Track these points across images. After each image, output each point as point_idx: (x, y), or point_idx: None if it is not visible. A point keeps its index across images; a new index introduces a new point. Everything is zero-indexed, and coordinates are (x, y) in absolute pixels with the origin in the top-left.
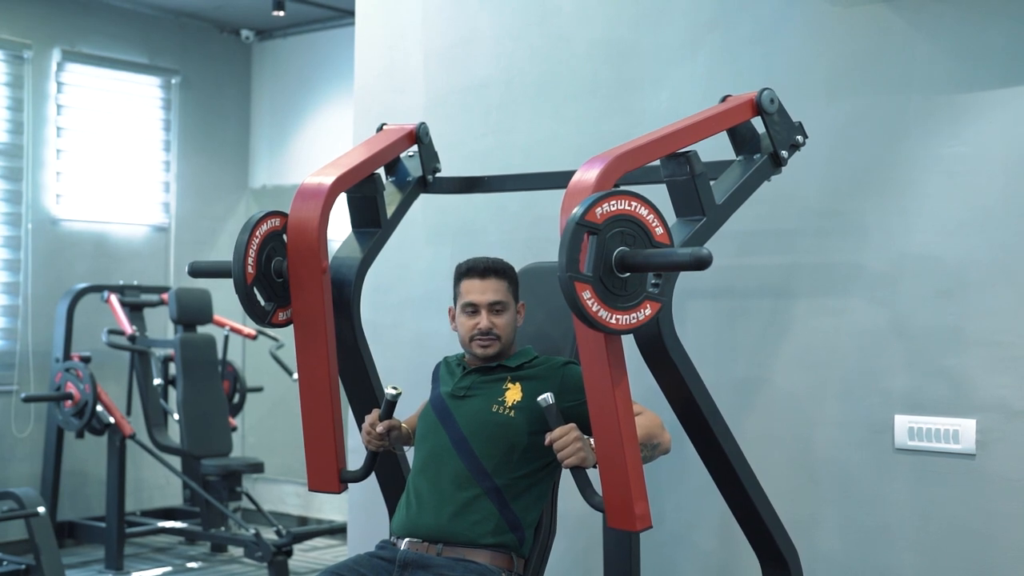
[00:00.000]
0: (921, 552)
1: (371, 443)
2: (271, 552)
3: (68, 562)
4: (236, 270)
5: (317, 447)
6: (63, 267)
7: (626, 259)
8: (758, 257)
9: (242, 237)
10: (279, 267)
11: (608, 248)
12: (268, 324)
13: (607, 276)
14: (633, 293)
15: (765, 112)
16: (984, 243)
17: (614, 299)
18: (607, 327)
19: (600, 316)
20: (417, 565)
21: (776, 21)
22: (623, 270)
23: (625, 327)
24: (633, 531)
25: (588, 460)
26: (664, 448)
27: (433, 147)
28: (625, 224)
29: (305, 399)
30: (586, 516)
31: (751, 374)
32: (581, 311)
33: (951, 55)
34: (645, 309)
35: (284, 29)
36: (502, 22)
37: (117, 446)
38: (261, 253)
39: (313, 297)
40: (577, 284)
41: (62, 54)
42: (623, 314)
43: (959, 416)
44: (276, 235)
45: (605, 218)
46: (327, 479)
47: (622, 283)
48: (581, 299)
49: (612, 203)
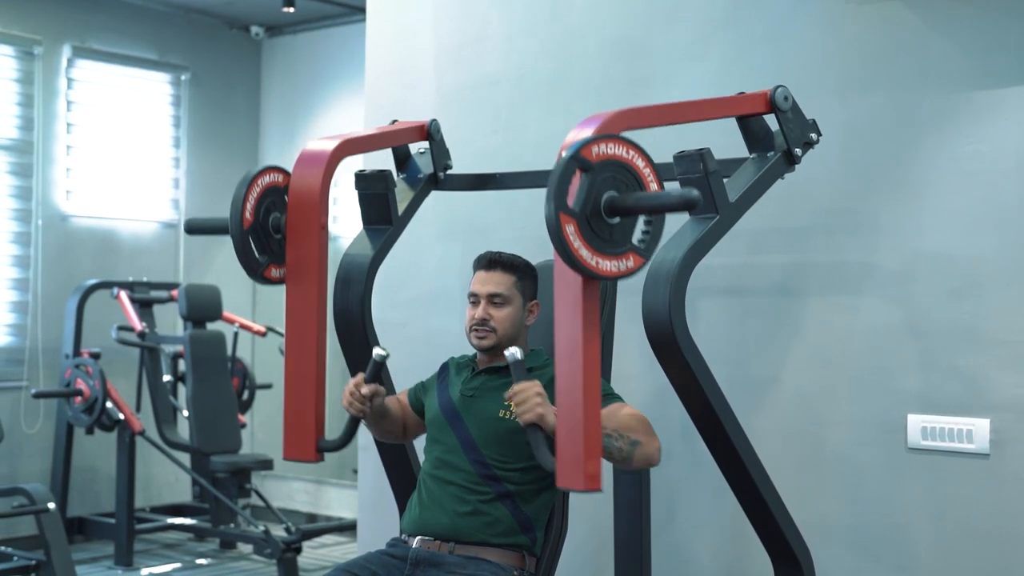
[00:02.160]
0: (935, 552)
1: (352, 405)
2: (280, 549)
3: (78, 558)
4: (233, 218)
5: (296, 413)
6: (73, 263)
7: (615, 202)
8: (771, 255)
9: (241, 187)
10: (277, 223)
11: (598, 188)
12: (260, 278)
13: (594, 218)
14: (618, 241)
15: (779, 109)
16: (999, 242)
17: (599, 243)
18: (586, 268)
19: (581, 255)
20: (429, 563)
21: (789, 18)
22: (611, 214)
23: (605, 273)
24: (580, 491)
25: (547, 419)
26: (646, 452)
27: (444, 144)
28: (618, 170)
29: (290, 361)
30: (598, 515)
31: (763, 373)
32: (563, 246)
33: (966, 52)
34: (628, 260)
35: (294, 26)
36: (513, 19)
37: (127, 442)
38: (260, 206)
39: (309, 251)
40: (562, 216)
41: (72, 50)
42: (605, 259)
43: (973, 416)
44: (276, 190)
45: (600, 159)
46: (303, 447)
47: (608, 228)
48: (564, 233)
49: (609, 146)
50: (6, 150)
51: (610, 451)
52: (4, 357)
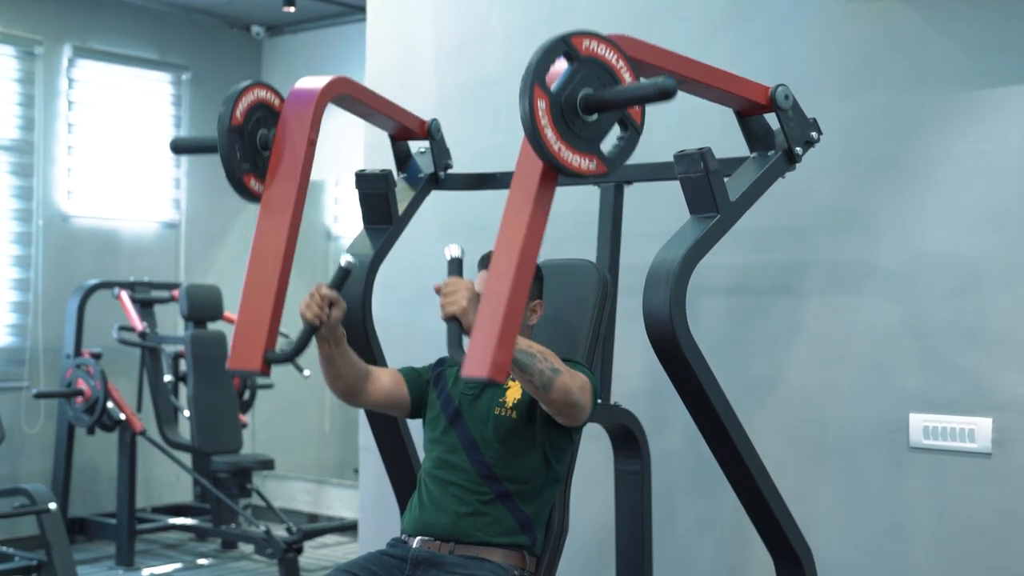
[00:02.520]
0: (936, 552)
1: (309, 308)
2: (281, 549)
3: (79, 558)
4: (222, 115)
5: (249, 323)
6: (74, 263)
7: (590, 98)
8: (772, 255)
9: (233, 92)
10: (265, 139)
11: (579, 83)
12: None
13: (568, 109)
14: (588, 140)
15: (779, 108)
16: (1000, 241)
17: (568, 134)
18: (549, 151)
19: (546, 135)
20: (429, 563)
21: (789, 17)
22: (588, 111)
23: (565, 163)
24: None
25: (468, 315)
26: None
27: (445, 143)
28: (602, 72)
29: (252, 269)
30: (599, 514)
31: (765, 372)
32: (530, 120)
33: (967, 51)
34: (592, 162)
35: (295, 25)
36: (513, 18)
37: (128, 442)
38: (250, 115)
39: (294, 159)
40: (537, 89)
41: (73, 50)
42: (569, 150)
43: (975, 415)
44: (267, 107)
45: (588, 54)
46: (250, 357)
47: (582, 125)
48: (535, 108)
49: (602, 47)
50: (7, 150)
51: (529, 369)
52: (5, 357)
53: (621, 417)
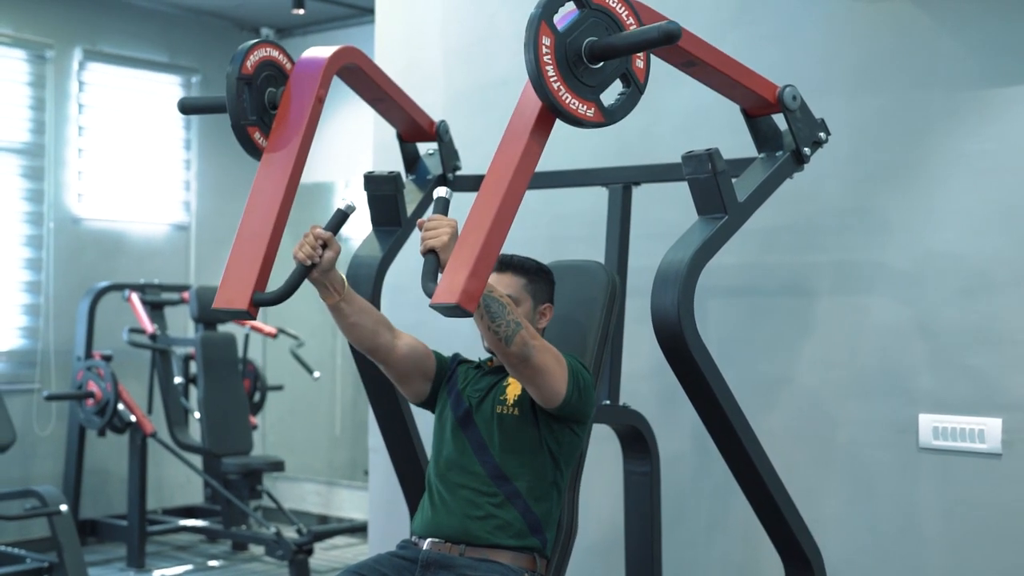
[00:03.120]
0: (946, 552)
1: (302, 248)
2: (291, 551)
3: (90, 560)
4: (233, 64)
5: (239, 264)
6: (84, 266)
7: (595, 45)
8: (780, 255)
9: (246, 45)
10: (273, 98)
11: (586, 30)
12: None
13: (572, 55)
14: (589, 88)
15: (787, 109)
16: (1010, 241)
17: (570, 78)
18: (549, 90)
19: (547, 73)
20: (439, 565)
21: (798, 17)
22: (593, 59)
23: (564, 106)
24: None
25: (447, 249)
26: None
27: (453, 145)
28: (611, 24)
29: (248, 214)
30: (608, 516)
31: (773, 373)
32: (534, 58)
33: (975, 51)
34: (589, 109)
35: (304, 27)
36: (521, 20)
37: (138, 444)
38: (259, 71)
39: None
40: (544, 26)
41: (83, 53)
42: (569, 94)
43: (985, 415)
44: (277, 66)
45: (598, 3)
46: (237, 297)
47: (585, 71)
48: (539, 43)
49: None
50: (18, 153)
51: (498, 318)
52: (16, 360)
53: (630, 418)
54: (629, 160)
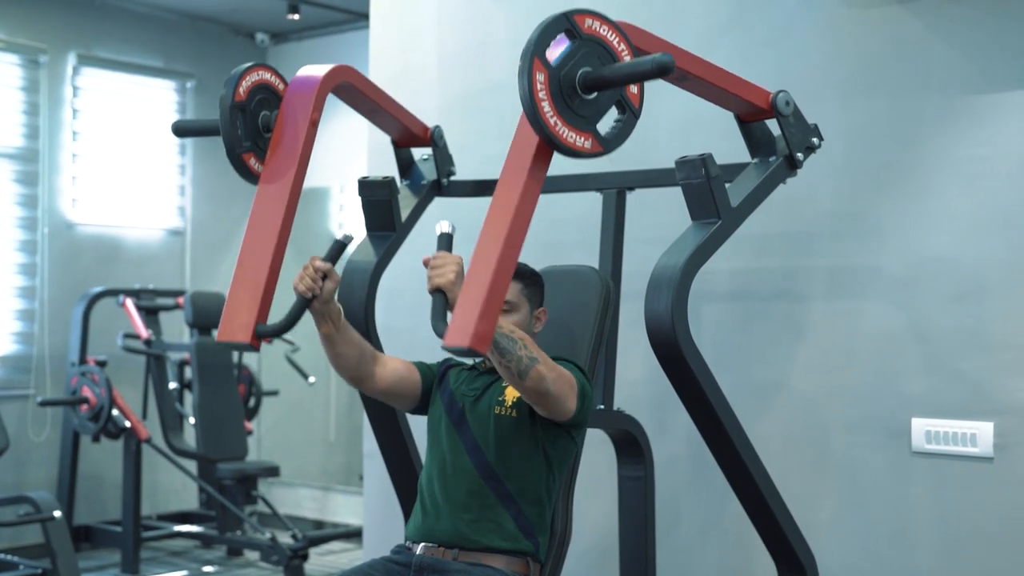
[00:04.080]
0: (939, 556)
1: (303, 281)
2: (287, 556)
3: (84, 566)
4: (226, 91)
5: (240, 296)
6: (79, 271)
7: (589, 76)
8: (774, 260)
9: (237, 70)
10: (267, 121)
11: (578, 61)
12: (238, 161)
13: (567, 86)
14: (585, 118)
15: (780, 114)
16: (1002, 245)
17: (566, 111)
18: (545, 125)
19: (543, 108)
20: (433, 570)
21: (791, 23)
22: (586, 89)
23: (561, 139)
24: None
25: (454, 290)
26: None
27: (448, 150)
28: (603, 52)
29: (248, 241)
30: (603, 520)
31: (767, 377)
32: (528, 93)
33: (968, 57)
34: (587, 141)
35: (299, 32)
36: (516, 25)
37: (133, 450)
38: (252, 95)
39: (295, 136)
40: (536, 62)
41: (77, 58)
42: (566, 127)
43: (977, 419)
44: (270, 88)
45: (589, 32)
46: (240, 330)
47: (580, 103)
48: (534, 80)
49: (604, 27)
50: (12, 158)
51: (508, 354)
52: (11, 365)
53: (624, 423)
54: (623, 165)
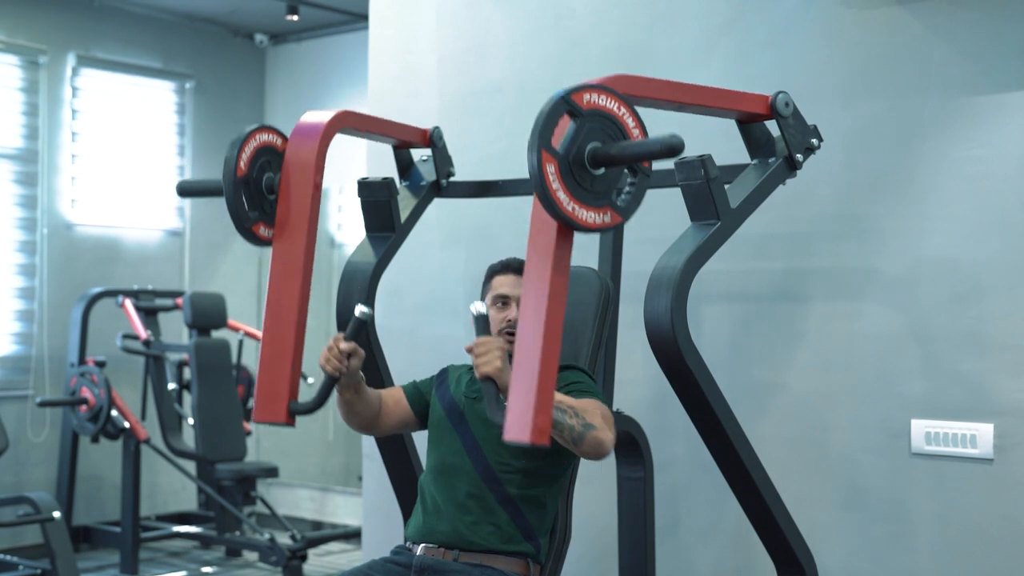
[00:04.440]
0: (938, 558)
1: (329, 363)
2: (285, 556)
3: (83, 567)
4: (227, 166)
5: (271, 375)
6: (78, 272)
7: (598, 153)
8: (773, 261)
9: (237, 140)
10: (271, 183)
11: (584, 138)
12: (248, 233)
13: (577, 165)
14: (599, 193)
15: (780, 115)
16: (1002, 246)
17: (578, 191)
18: (563, 212)
19: (559, 197)
20: (433, 571)
21: (790, 24)
22: (595, 165)
23: (580, 221)
24: (527, 443)
25: (503, 374)
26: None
27: (447, 151)
28: (607, 123)
29: (269, 319)
30: (602, 522)
31: (766, 378)
32: (542, 186)
33: (968, 58)
34: (605, 215)
35: (298, 33)
36: (515, 26)
37: (132, 451)
38: (254, 162)
39: (300, 207)
40: (544, 154)
41: (77, 59)
42: (582, 208)
43: (977, 420)
44: (272, 150)
45: (590, 107)
46: (275, 409)
47: (591, 179)
48: (544, 172)
49: (601, 97)
50: (11, 159)
51: (562, 427)
52: (10, 366)
53: (623, 424)
54: None
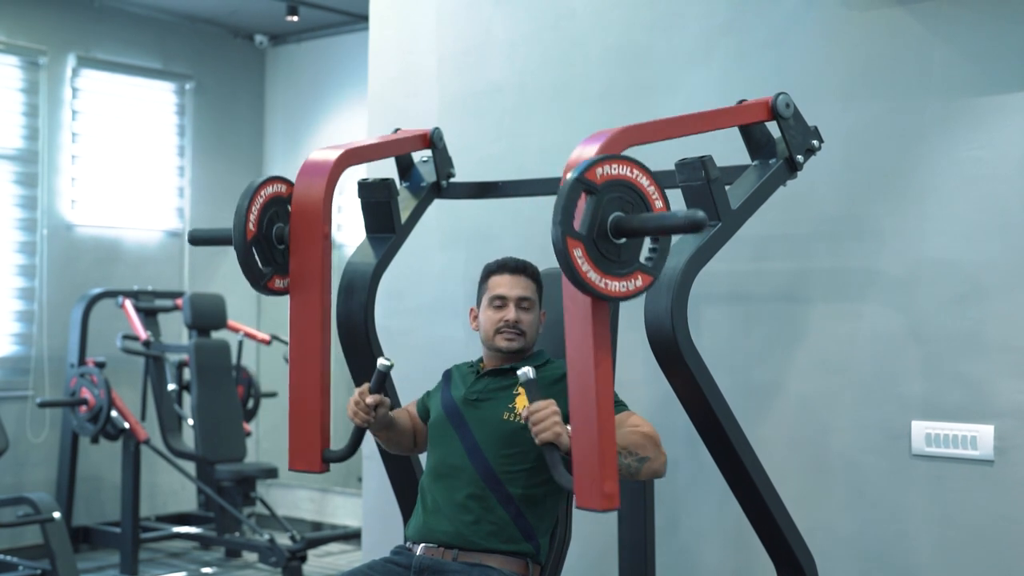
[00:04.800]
0: (939, 560)
1: (357, 415)
2: (285, 557)
3: (83, 567)
4: (237, 227)
5: (301, 424)
6: (78, 272)
7: (621, 224)
8: (774, 262)
9: (244, 198)
10: (280, 233)
11: (604, 210)
12: (264, 289)
13: (601, 239)
14: (626, 261)
15: (780, 116)
16: (1002, 247)
17: (606, 264)
18: (596, 290)
19: (589, 277)
20: (432, 571)
21: (791, 25)
22: (618, 235)
23: (614, 293)
24: (599, 511)
25: (563, 439)
26: (653, 467)
27: (447, 152)
28: (624, 190)
29: (294, 371)
30: (601, 523)
31: (766, 380)
32: (571, 269)
33: (968, 58)
34: (636, 280)
35: (298, 34)
36: (516, 26)
37: (132, 451)
38: (263, 216)
39: (312, 261)
40: (569, 240)
41: (77, 60)
42: (613, 280)
43: (977, 422)
44: (279, 200)
45: (604, 180)
46: (309, 458)
47: (616, 249)
48: (572, 256)
49: (613, 166)
50: (11, 160)
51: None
52: (10, 366)
53: None
54: None
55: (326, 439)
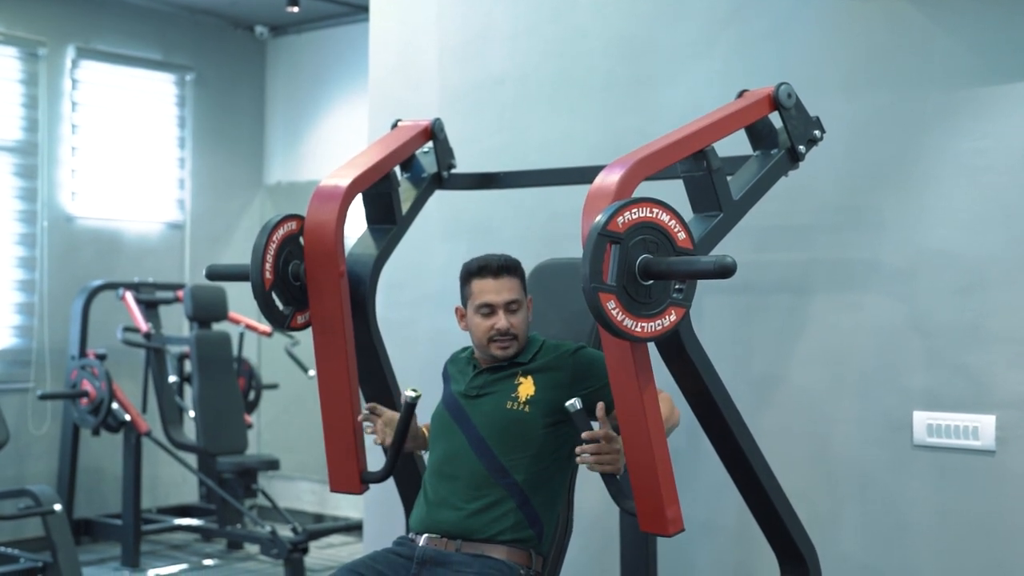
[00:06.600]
0: (940, 550)
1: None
2: (287, 549)
3: (85, 559)
4: (254, 276)
5: (337, 449)
6: (78, 264)
7: (650, 267)
8: (775, 253)
9: (259, 243)
10: (296, 271)
11: (631, 256)
12: (287, 328)
13: (631, 284)
14: (657, 300)
15: (782, 107)
16: (1004, 238)
17: (638, 307)
18: (632, 335)
19: (625, 325)
20: (435, 562)
21: (792, 15)
22: (647, 278)
23: (650, 334)
24: (666, 535)
25: (618, 466)
26: (675, 424)
27: (448, 143)
28: (647, 231)
29: (325, 401)
30: (602, 514)
31: (768, 371)
32: (606, 321)
33: (970, 49)
34: (670, 315)
35: (298, 25)
36: (517, 18)
37: (133, 443)
38: (279, 258)
39: (331, 300)
40: (601, 295)
41: (76, 51)
42: (648, 321)
43: (978, 412)
44: (293, 238)
45: (627, 226)
46: (348, 481)
47: (646, 291)
48: (606, 309)
49: (634, 211)
50: (11, 152)
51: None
52: (10, 359)
53: None
54: None
55: (362, 461)
